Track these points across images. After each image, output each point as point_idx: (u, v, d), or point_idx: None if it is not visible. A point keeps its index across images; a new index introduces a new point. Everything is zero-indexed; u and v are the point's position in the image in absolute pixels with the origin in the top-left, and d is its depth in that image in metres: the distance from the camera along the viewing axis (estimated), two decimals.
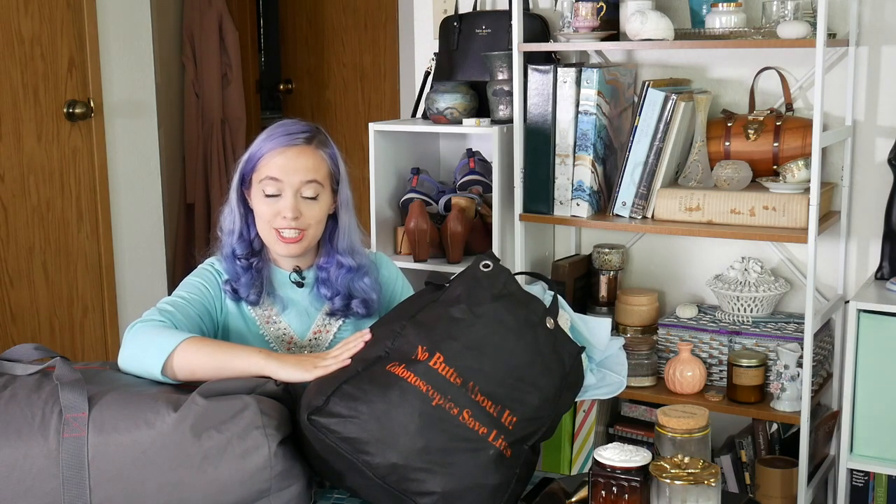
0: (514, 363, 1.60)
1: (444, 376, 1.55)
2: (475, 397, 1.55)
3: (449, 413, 1.53)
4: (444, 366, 1.56)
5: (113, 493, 1.53)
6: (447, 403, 1.53)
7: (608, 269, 2.84)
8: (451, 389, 1.54)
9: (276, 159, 1.89)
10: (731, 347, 2.60)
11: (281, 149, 1.89)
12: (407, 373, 1.54)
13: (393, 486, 1.53)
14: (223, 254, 1.96)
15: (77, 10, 3.36)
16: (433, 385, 1.54)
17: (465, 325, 1.61)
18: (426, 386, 1.53)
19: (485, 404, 1.56)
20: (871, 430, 2.36)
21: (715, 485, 1.46)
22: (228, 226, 1.96)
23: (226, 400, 1.57)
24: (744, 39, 2.48)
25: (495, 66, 2.76)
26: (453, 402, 1.54)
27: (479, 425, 1.54)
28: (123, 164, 3.59)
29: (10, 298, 3.25)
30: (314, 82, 5.19)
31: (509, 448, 1.56)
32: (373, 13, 4.92)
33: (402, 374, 1.55)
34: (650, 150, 2.55)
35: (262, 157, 1.90)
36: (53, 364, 1.64)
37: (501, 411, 1.57)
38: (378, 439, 1.52)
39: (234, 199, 1.95)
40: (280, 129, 1.93)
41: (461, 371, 1.56)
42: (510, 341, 1.61)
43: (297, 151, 1.90)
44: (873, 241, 2.61)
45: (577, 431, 2.78)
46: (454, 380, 1.55)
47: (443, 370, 1.56)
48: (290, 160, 1.89)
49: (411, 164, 2.97)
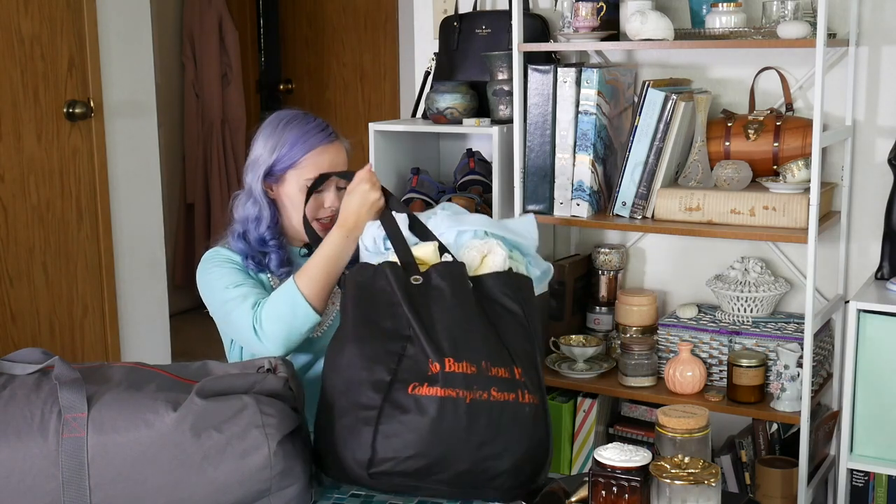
0: (490, 322, 1.69)
1: (462, 373, 1.61)
2: (490, 373, 1.63)
3: (482, 401, 1.60)
4: (457, 364, 1.61)
5: (113, 493, 1.53)
6: (476, 393, 1.60)
7: (608, 269, 2.84)
8: (472, 379, 1.61)
9: (322, 158, 2.04)
10: (731, 347, 2.60)
11: (323, 146, 2.05)
12: (432, 389, 1.59)
13: (469, 485, 1.63)
14: (234, 237, 2.07)
15: (77, 10, 3.36)
16: (458, 386, 1.59)
17: (449, 312, 1.66)
18: (454, 391, 1.59)
19: (499, 373, 1.64)
20: (871, 430, 2.36)
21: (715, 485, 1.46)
22: (252, 214, 2.06)
23: (225, 399, 1.57)
24: (744, 39, 2.48)
25: (495, 66, 2.76)
26: (480, 388, 1.61)
27: (507, 394, 1.63)
28: (123, 164, 3.59)
29: (10, 298, 3.25)
30: (314, 82, 5.19)
31: (535, 396, 1.66)
32: (373, 13, 4.92)
33: (428, 392, 1.59)
34: (650, 150, 2.55)
35: (306, 157, 2.03)
36: (52, 363, 1.63)
37: (512, 371, 1.65)
38: (439, 459, 1.58)
39: (259, 191, 2.06)
40: (308, 125, 2.06)
41: (470, 359, 1.62)
42: (474, 308, 1.69)
43: (335, 149, 2.07)
44: (873, 241, 2.61)
45: (577, 431, 2.78)
46: (469, 370, 1.62)
47: (458, 368, 1.61)
48: (333, 157, 2.06)
49: (411, 164, 2.97)
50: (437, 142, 3.14)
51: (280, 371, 1.67)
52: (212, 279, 2.03)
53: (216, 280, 2.02)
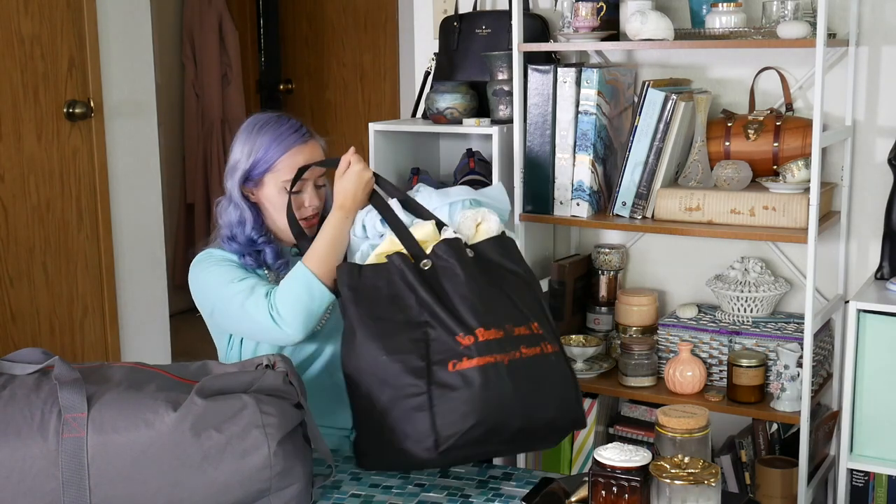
0: (499, 285, 1.81)
1: (493, 339, 1.72)
2: (515, 333, 1.75)
3: (517, 360, 1.73)
4: (486, 333, 1.72)
5: (113, 493, 1.53)
6: (510, 355, 1.72)
7: (608, 269, 2.84)
8: (503, 343, 1.73)
9: (297, 159, 2.06)
10: (731, 347, 2.60)
11: (298, 147, 2.06)
12: (471, 361, 1.69)
13: (525, 439, 1.79)
14: (224, 241, 2.09)
15: (77, 10, 3.36)
16: (494, 352, 1.71)
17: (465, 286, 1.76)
18: (491, 357, 1.70)
19: (523, 332, 1.77)
20: (871, 430, 2.36)
21: (715, 485, 1.46)
22: (235, 219, 2.09)
23: (225, 399, 1.57)
24: (744, 39, 2.48)
25: (495, 66, 2.76)
26: (512, 349, 1.73)
27: (533, 349, 1.76)
28: (123, 164, 3.59)
29: (10, 298, 3.25)
30: (314, 82, 5.19)
31: (554, 344, 1.81)
32: (373, 13, 4.92)
33: (469, 365, 1.69)
34: (650, 150, 2.55)
35: (280, 159, 2.05)
36: (52, 363, 1.63)
37: (530, 327, 1.78)
38: (496, 423, 1.69)
39: (238, 196, 2.08)
40: (282, 127, 2.07)
41: (496, 325, 1.74)
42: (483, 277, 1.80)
43: (310, 148, 2.08)
44: (873, 241, 2.61)
45: (577, 431, 2.77)
46: (497, 335, 1.73)
47: (490, 336, 1.72)
48: (308, 157, 2.06)
49: (411, 164, 2.97)
50: (437, 142, 3.14)
51: (279, 367, 1.67)
52: (212, 278, 2.03)
53: (217, 277, 2.02)
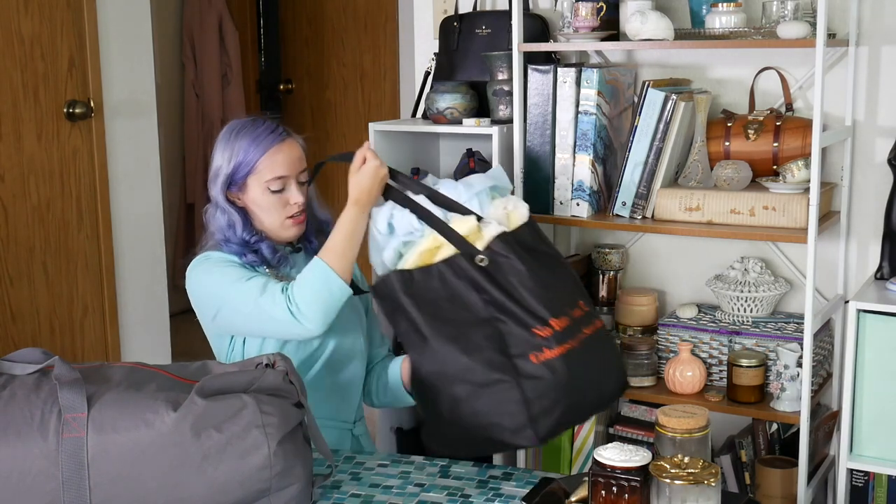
0: (549, 271, 1.93)
1: (566, 326, 1.85)
2: (575, 315, 1.89)
3: (584, 340, 1.88)
4: (558, 321, 1.84)
5: (113, 493, 1.53)
6: (578, 338, 1.87)
7: (608, 269, 2.84)
8: (572, 328, 1.87)
9: (277, 158, 2.07)
10: (731, 347, 2.60)
11: (276, 147, 2.07)
12: (553, 351, 1.82)
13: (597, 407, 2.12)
14: (220, 243, 2.09)
15: (77, 10, 3.36)
16: (568, 337, 1.84)
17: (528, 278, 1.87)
18: (568, 343, 1.84)
19: (578, 313, 1.91)
20: (871, 430, 2.36)
21: (715, 485, 1.46)
22: (224, 224, 2.09)
23: (225, 399, 1.57)
24: (744, 39, 2.48)
25: (495, 66, 2.76)
26: (578, 332, 1.87)
27: (590, 328, 1.92)
28: (123, 164, 3.59)
29: (10, 298, 3.25)
30: (314, 82, 5.19)
31: (600, 319, 1.99)
32: (373, 13, 4.92)
33: (551, 355, 1.82)
34: (650, 150, 2.55)
35: (260, 161, 2.06)
36: (52, 363, 1.64)
37: (580, 306, 1.93)
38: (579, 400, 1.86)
39: (223, 201, 2.09)
40: (258, 130, 2.08)
41: (563, 311, 1.87)
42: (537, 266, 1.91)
43: (288, 146, 2.09)
44: (873, 241, 2.61)
45: (576, 431, 2.77)
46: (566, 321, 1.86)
47: (563, 324, 1.85)
48: (287, 155, 2.08)
49: (411, 164, 2.97)
50: (437, 142, 3.14)
51: (279, 366, 1.67)
52: (216, 279, 2.02)
53: (222, 278, 2.02)
